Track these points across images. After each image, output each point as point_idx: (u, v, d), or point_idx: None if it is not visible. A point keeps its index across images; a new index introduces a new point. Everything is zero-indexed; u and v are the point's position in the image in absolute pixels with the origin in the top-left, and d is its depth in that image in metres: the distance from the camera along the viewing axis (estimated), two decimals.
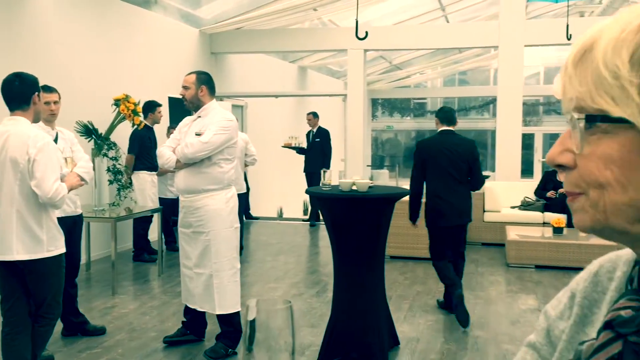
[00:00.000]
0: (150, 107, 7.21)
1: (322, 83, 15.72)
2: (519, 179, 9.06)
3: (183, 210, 4.08)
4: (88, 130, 6.02)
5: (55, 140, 4.01)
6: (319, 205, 4.36)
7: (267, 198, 12.13)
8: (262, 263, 7.16)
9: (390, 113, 23.56)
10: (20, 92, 3.28)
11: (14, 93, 3.28)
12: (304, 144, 10.18)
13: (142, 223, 7.16)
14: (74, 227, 4.39)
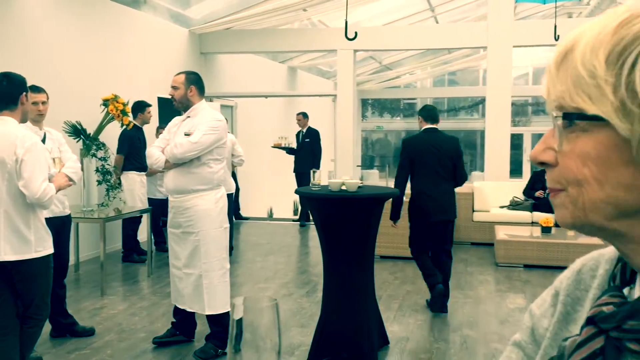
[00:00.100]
0: (140, 107, 7.19)
1: (312, 83, 15.72)
2: (508, 179, 9.11)
3: (172, 211, 4.07)
4: (76, 131, 5.99)
5: (43, 141, 3.99)
6: (309, 206, 4.36)
7: (257, 198, 12.12)
8: (252, 263, 7.16)
9: (380, 113, 23.58)
10: (8, 92, 3.26)
11: (2, 93, 3.26)
12: (294, 144, 10.18)
13: (131, 223, 7.13)
14: (63, 227, 4.38)
